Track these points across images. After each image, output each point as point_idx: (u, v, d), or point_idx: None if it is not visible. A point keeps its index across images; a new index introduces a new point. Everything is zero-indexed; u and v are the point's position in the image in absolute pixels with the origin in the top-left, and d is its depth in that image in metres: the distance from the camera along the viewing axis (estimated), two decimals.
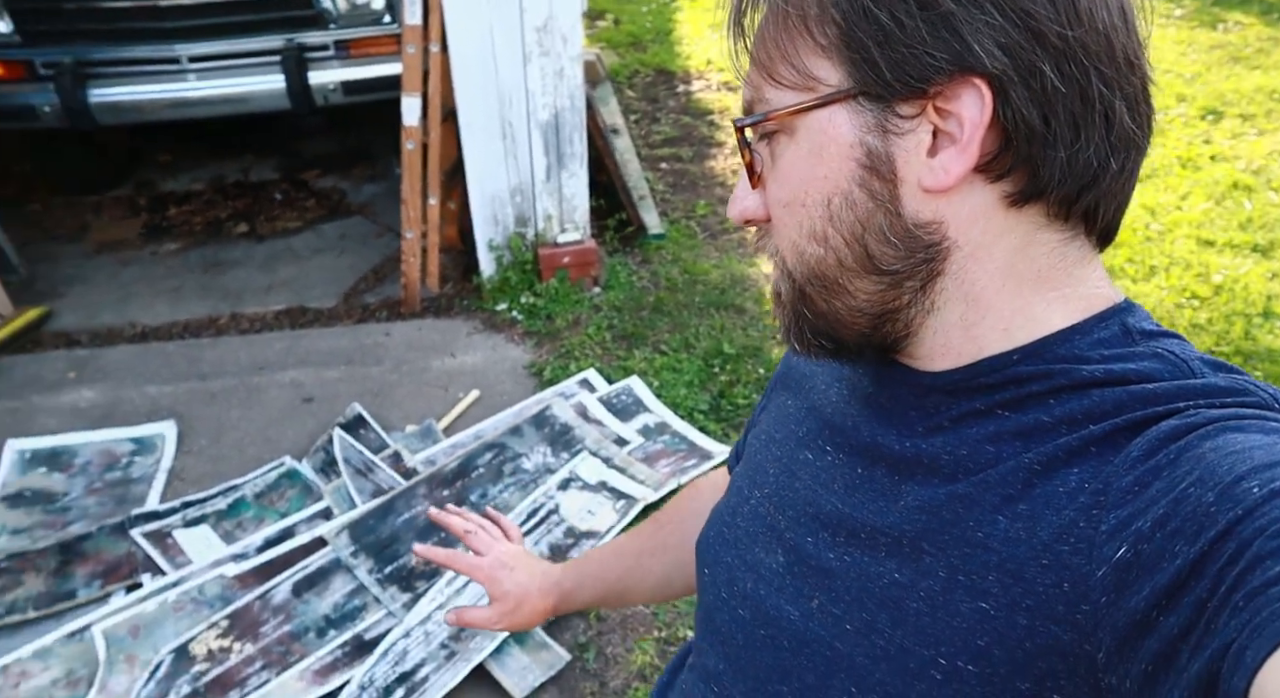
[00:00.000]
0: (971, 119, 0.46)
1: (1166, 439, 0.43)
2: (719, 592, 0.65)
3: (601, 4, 6.56)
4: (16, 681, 1.83)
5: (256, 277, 3.48)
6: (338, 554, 2.08)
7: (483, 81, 2.87)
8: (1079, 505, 0.45)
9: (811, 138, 0.51)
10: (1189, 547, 0.38)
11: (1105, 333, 0.51)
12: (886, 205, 0.50)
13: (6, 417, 2.66)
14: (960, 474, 0.51)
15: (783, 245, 0.55)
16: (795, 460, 0.64)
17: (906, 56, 0.46)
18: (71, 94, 3.18)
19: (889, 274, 0.51)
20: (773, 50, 0.51)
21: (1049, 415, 0.49)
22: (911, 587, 0.50)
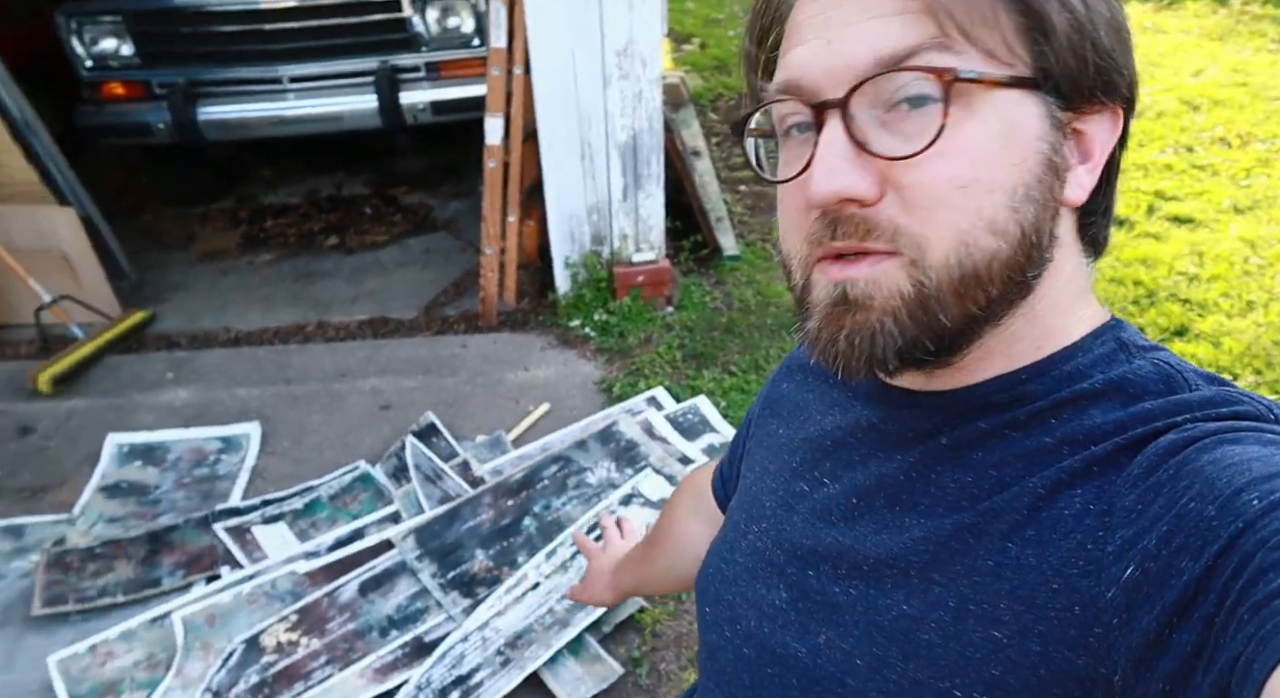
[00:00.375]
0: (1103, 142, 0.49)
1: (1165, 455, 0.43)
2: (722, 631, 0.64)
3: (689, 28, 6.65)
4: (103, 659, 1.94)
5: (343, 287, 3.62)
6: (404, 557, 2.15)
7: (563, 103, 2.94)
8: (1085, 528, 0.44)
9: (1001, 117, 0.46)
10: (1194, 562, 0.38)
11: (1103, 349, 0.51)
12: (1052, 208, 0.48)
13: (110, 412, 2.84)
14: (965, 502, 0.50)
15: (935, 234, 0.46)
16: (791, 493, 0.63)
17: (1108, 67, 0.47)
18: (183, 112, 3.40)
19: (1024, 284, 0.49)
20: (975, 8, 0.45)
21: (1051, 436, 0.48)
22: (921, 618, 0.49)
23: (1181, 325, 3.04)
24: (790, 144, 0.52)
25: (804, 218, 0.50)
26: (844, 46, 0.46)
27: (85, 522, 2.37)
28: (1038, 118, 0.46)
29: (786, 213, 0.52)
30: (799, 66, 0.48)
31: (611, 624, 2.04)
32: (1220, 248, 3.47)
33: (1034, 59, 0.46)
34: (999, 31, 0.45)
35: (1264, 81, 4.93)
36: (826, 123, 0.47)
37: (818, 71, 0.47)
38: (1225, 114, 4.59)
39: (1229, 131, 4.41)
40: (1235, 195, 3.84)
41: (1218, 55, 5.38)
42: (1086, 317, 0.53)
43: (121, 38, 3.43)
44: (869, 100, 0.46)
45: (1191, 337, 2.98)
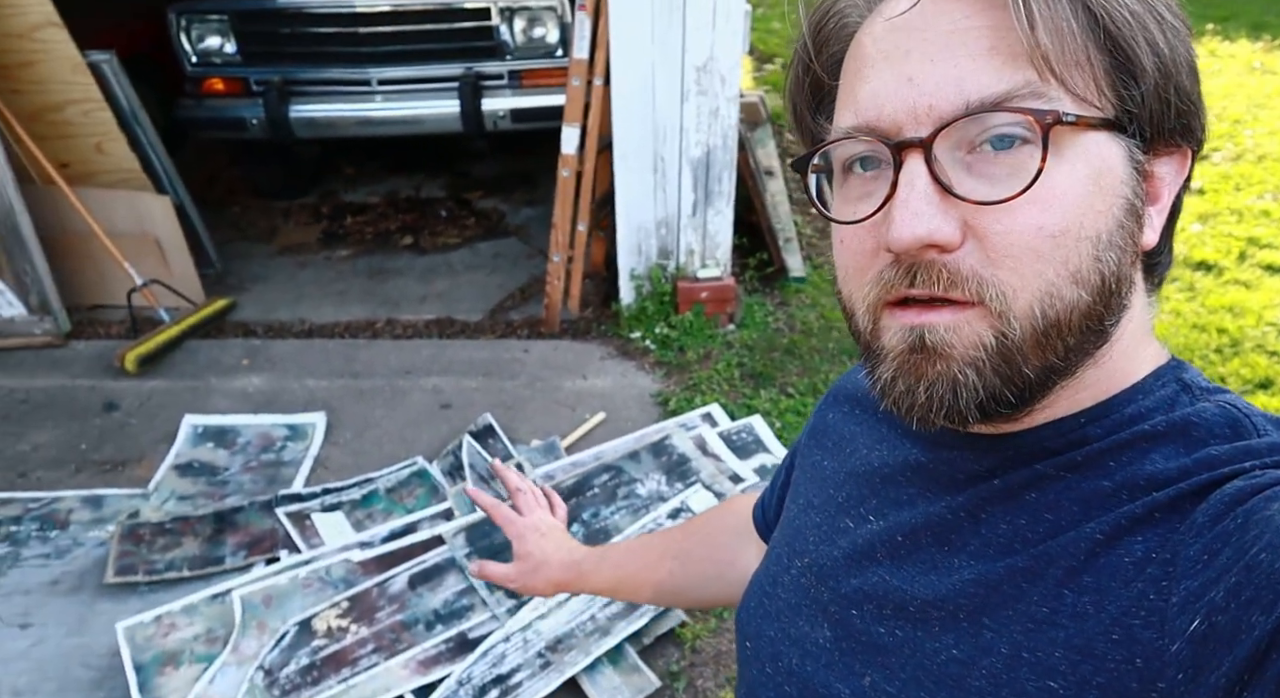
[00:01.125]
0: (1170, 185, 0.49)
1: (1233, 503, 0.41)
2: (763, 667, 0.62)
3: (773, 48, 6.65)
4: (167, 630, 2.03)
5: (414, 286, 3.72)
6: (453, 554, 2.19)
7: (640, 116, 2.98)
8: (1147, 577, 0.43)
9: (1091, 161, 0.44)
10: (1265, 617, 0.36)
11: (1164, 391, 0.50)
12: (1132, 254, 0.47)
13: (187, 394, 2.96)
14: (1018, 545, 0.49)
15: (1019, 285, 0.44)
16: (835, 528, 0.61)
17: (1187, 111, 0.47)
18: (276, 109, 3.54)
19: (1098, 333, 0.47)
20: (1069, 46, 0.43)
21: (1110, 480, 0.47)
22: (972, 664, 0.48)
23: (1266, 378, 2.93)
24: (853, 181, 0.49)
25: (872, 260, 0.48)
26: (928, 85, 0.44)
27: (159, 498, 2.49)
28: (1122, 161, 0.45)
29: (851, 254, 0.50)
30: (875, 107, 0.46)
31: (652, 636, 2.05)
32: None
33: (1120, 101, 0.45)
34: (1090, 73, 0.44)
35: None
36: (906, 163, 0.45)
37: (900, 111, 0.45)
38: None
39: None
40: None
41: None
42: (1148, 357, 0.51)
43: (225, 36, 3.60)
44: (952, 141, 0.44)
45: (1277, 390, 2.87)
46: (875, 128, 0.46)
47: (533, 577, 0.91)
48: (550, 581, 0.91)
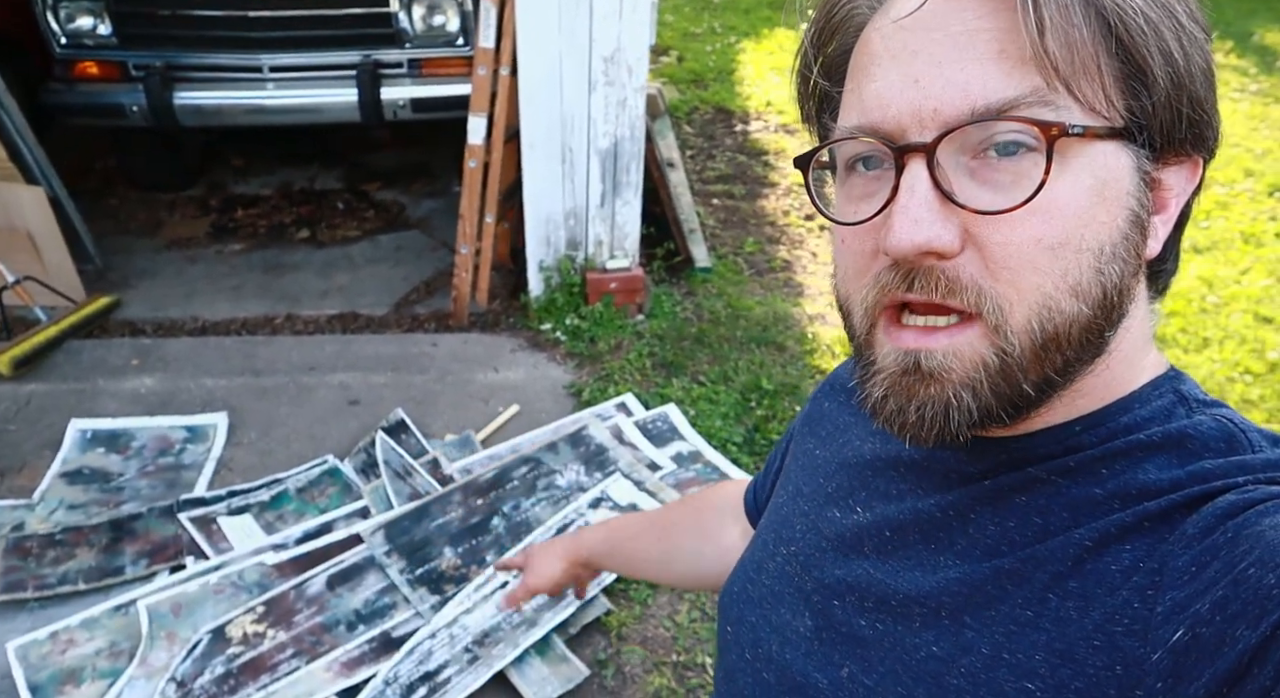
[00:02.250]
0: (1178, 194, 0.47)
1: (1224, 516, 0.41)
2: (742, 653, 0.62)
3: (667, 40, 6.71)
4: (64, 647, 1.91)
5: (314, 281, 3.60)
6: (372, 552, 2.15)
7: (547, 107, 2.97)
8: (1133, 585, 0.43)
9: (1096, 172, 0.43)
10: (1250, 631, 0.36)
11: (1161, 401, 0.50)
12: (1135, 264, 0.46)
13: (72, 397, 2.79)
14: (1005, 547, 0.49)
15: (1017, 297, 0.44)
16: (822, 518, 0.61)
17: (1199, 120, 0.45)
18: (158, 95, 3.36)
19: (1096, 344, 0.47)
20: (1078, 55, 0.42)
21: (1101, 488, 0.47)
22: (951, 662, 0.48)
23: (1196, 382, 3.16)
24: (855, 179, 0.49)
25: (871, 262, 0.47)
26: (934, 89, 0.43)
27: (45, 508, 2.33)
28: (1129, 171, 0.44)
29: (850, 255, 0.49)
30: (880, 108, 0.45)
31: (579, 625, 2.07)
32: (1179, 285, 3.60)
33: (1129, 109, 0.44)
34: (1099, 81, 0.43)
35: (1225, 128, 4.79)
36: (908, 167, 0.44)
37: (904, 113, 0.44)
38: None
39: None
40: (1195, 236, 3.99)
41: None
42: (1147, 366, 0.51)
43: (99, 16, 3.38)
44: (956, 146, 0.44)
45: None
46: (879, 129, 0.45)
47: (541, 566, 0.99)
48: (556, 557, 0.98)
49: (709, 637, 2.08)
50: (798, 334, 3.25)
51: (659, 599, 2.18)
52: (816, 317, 3.39)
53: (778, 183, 4.54)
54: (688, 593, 2.19)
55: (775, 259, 3.82)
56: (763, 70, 6.10)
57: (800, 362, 3.08)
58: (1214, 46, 0.52)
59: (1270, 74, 6.06)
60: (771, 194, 4.43)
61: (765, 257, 3.84)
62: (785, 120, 5.29)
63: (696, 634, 2.09)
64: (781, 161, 4.78)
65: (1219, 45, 6.48)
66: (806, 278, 3.68)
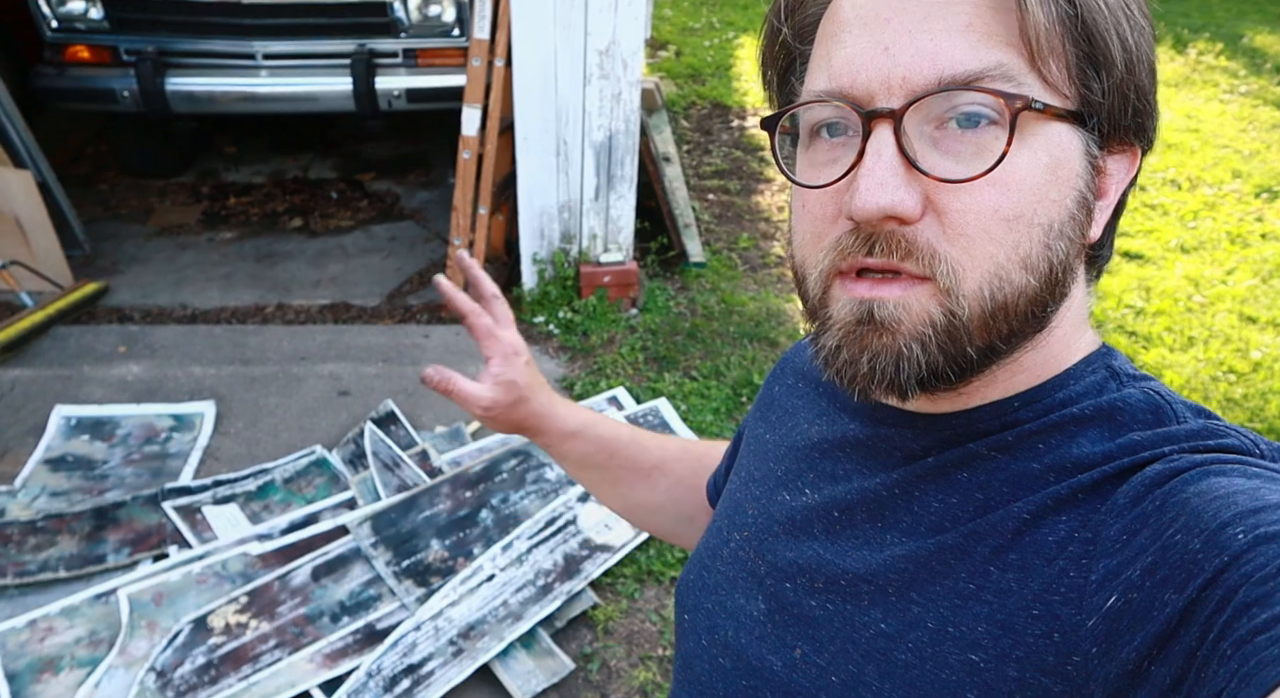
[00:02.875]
0: (1118, 181, 0.49)
1: (1151, 485, 0.43)
2: (699, 639, 0.62)
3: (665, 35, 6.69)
4: (43, 635, 1.89)
5: (306, 271, 3.58)
6: (358, 544, 2.13)
7: (542, 98, 2.95)
8: (1069, 555, 0.44)
9: (1050, 150, 0.45)
10: (1177, 595, 0.37)
11: (1094, 376, 0.51)
12: (1079, 245, 0.48)
13: (57, 383, 2.76)
14: (948, 523, 0.50)
15: (970, 264, 0.45)
16: (773, 502, 0.62)
17: (1142, 110, 0.47)
18: (150, 81, 3.32)
19: (1039, 318, 0.48)
20: (1045, 36, 0.43)
21: (1038, 462, 0.48)
22: (899, 638, 0.49)
23: (1128, 356, 3.16)
24: (819, 145, 0.49)
25: (831, 226, 0.48)
26: (904, 57, 0.44)
27: (27, 494, 2.31)
28: (1080, 154, 0.46)
29: (810, 219, 0.49)
30: (849, 73, 0.46)
31: (565, 619, 2.05)
32: (1166, 285, 3.61)
33: (1084, 94, 0.45)
34: (1064, 62, 0.44)
35: (1214, 129, 5.14)
36: (875, 132, 0.45)
37: (873, 79, 0.45)
38: (1177, 158, 4.77)
39: (1180, 174, 4.58)
40: (1182, 235, 4.00)
41: (1173, 101, 5.59)
42: (1083, 344, 0.53)
43: (91, 0, 3.34)
44: (922, 115, 0.45)
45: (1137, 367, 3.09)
46: (848, 94, 0.46)
47: (508, 408, 0.76)
48: (524, 417, 0.78)
49: None
50: (790, 330, 3.24)
51: (645, 593, 2.17)
52: None
53: (773, 178, 4.52)
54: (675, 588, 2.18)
55: (769, 255, 3.81)
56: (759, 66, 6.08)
57: None
58: (1204, 48, 0.53)
59: (1259, 76, 6.07)
60: (766, 190, 4.41)
61: (759, 252, 3.83)
62: None
63: None
64: None
65: (1209, 47, 6.49)
66: None
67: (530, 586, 2.06)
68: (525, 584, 2.07)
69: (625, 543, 2.23)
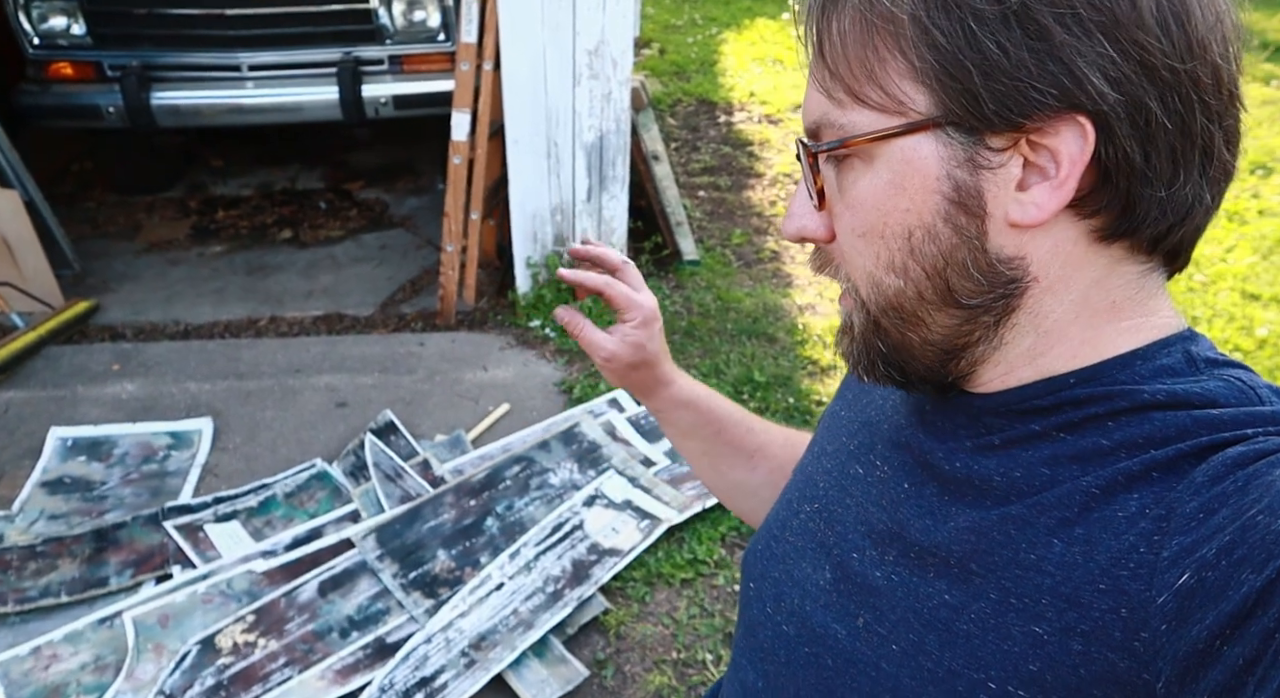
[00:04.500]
0: (1071, 156, 0.44)
1: (1234, 465, 0.42)
2: (764, 607, 0.64)
3: (649, 33, 6.67)
4: (47, 663, 1.87)
5: (297, 282, 3.55)
6: (364, 557, 2.11)
7: (532, 101, 2.93)
8: (1140, 531, 0.43)
9: (893, 167, 0.48)
10: (1256, 575, 0.37)
11: (1168, 359, 0.49)
12: (972, 241, 0.48)
13: (51, 405, 2.73)
14: (1014, 496, 0.50)
15: (855, 275, 0.53)
16: (845, 474, 0.63)
17: (1010, 89, 0.43)
18: (135, 96, 3.29)
19: (967, 308, 0.50)
20: (855, 67, 0.47)
21: (1108, 439, 0.47)
22: (962, 609, 0.49)
23: (1211, 342, 3.16)
24: None
25: None
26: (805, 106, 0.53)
27: (25, 519, 2.28)
28: (937, 159, 0.46)
29: None
30: None
31: (576, 626, 2.04)
32: None
33: (933, 98, 0.45)
34: (888, 81, 0.47)
35: None
36: (806, 165, 0.54)
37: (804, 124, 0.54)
38: None
39: None
40: None
41: None
42: (1147, 326, 0.50)
43: (73, 16, 3.31)
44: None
45: None
46: None
47: (628, 366, 0.78)
48: (642, 378, 0.80)
49: (709, 633, 2.06)
50: (788, 325, 3.22)
51: (657, 596, 2.15)
52: (806, 307, 3.36)
53: (763, 173, 4.51)
54: (686, 590, 2.16)
55: (763, 250, 3.79)
56: (745, 61, 6.07)
57: (791, 353, 3.05)
58: None
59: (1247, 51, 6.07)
60: (758, 185, 4.40)
61: (753, 248, 3.82)
62: (769, 111, 5.26)
63: (696, 631, 2.06)
64: (766, 152, 4.76)
65: None
66: (795, 268, 3.65)
67: (540, 593, 2.04)
68: (535, 592, 2.05)
69: (633, 547, 2.21)
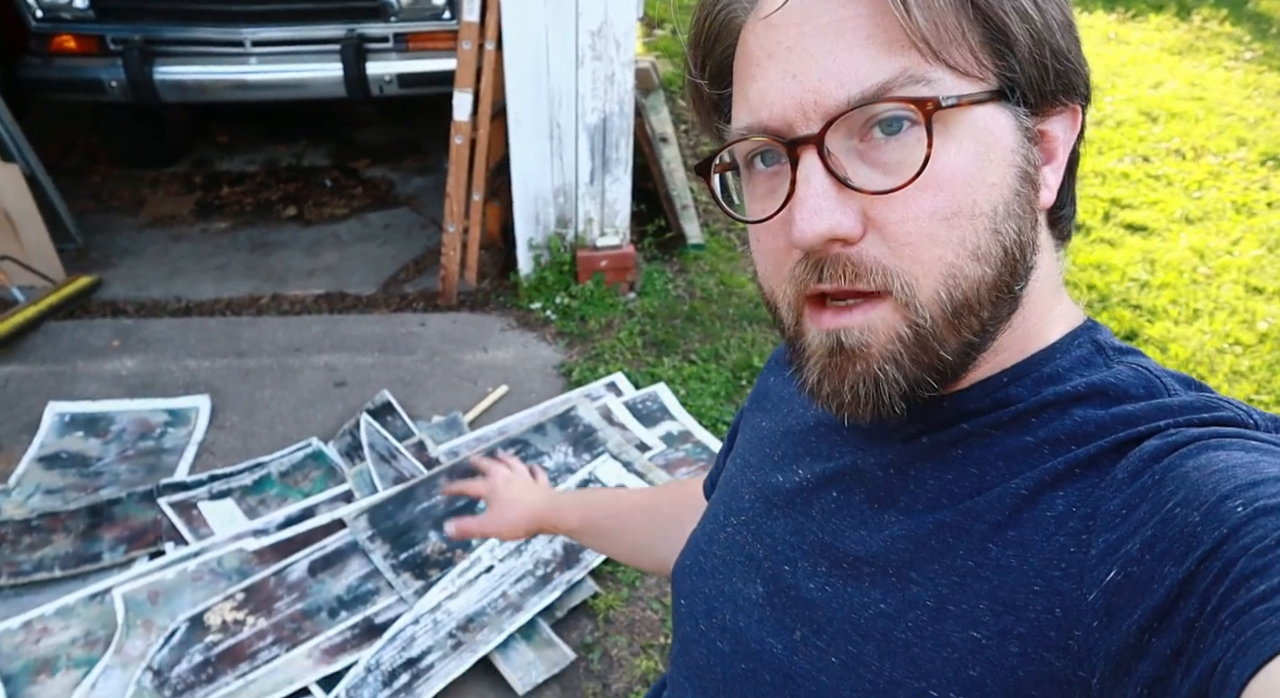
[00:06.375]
0: (1065, 139, 0.49)
1: (1150, 460, 0.43)
2: (697, 624, 0.63)
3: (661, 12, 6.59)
4: (38, 636, 1.88)
5: (300, 260, 3.54)
6: (355, 537, 2.11)
7: (534, 81, 2.90)
8: (1068, 531, 0.44)
9: (978, 137, 0.45)
10: (1176, 568, 0.38)
11: (1080, 351, 0.51)
12: (1031, 218, 0.48)
13: (50, 379, 2.74)
14: (945, 500, 0.50)
15: (918, 272, 0.45)
16: (769, 486, 0.62)
17: (1066, 71, 0.47)
18: (138, 70, 3.28)
19: (1016, 297, 0.49)
20: (949, 24, 0.44)
21: (1032, 436, 0.48)
22: (898, 617, 0.49)
23: (1132, 330, 3.12)
24: (757, 177, 0.50)
25: (786, 257, 0.49)
26: (811, 81, 0.45)
27: (21, 493, 2.29)
28: (1010, 130, 0.46)
29: (766, 252, 0.51)
30: (765, 106, 0.47)
31: (565, 609, 2.04)
32: (1171, 256, 3.56)
33: (1000, 70, 0.45)
34: (967, 47, 0.44)
35: (1219, 97, 5.06)
36: (802, 159, 0.45)
37: (788, 108, 0.46)
38: (1181, 127, 4.70)
39: (1184, 144, 4.51)
40: (1187, 206, 3.94)
41: (1177, 69, 5.50)
42: (1062, 315, 0.53)
43: None
44: (842, 132, 0.45)
45: (1140, 342, 3.06)
46: (767, 126, 0.47)
47: (506, 516, 0.94)
48: (524, 518, 0.94)
49: None
50: None
51: (646, 582, 2.14)
52: None
53: None
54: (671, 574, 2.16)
55: None
56: None
57: None
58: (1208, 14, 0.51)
59: (1264, 41, 5.96)
60: None
61: None
62: None
63: None
64: None
65: (1213, 13, 6.38)
66: None
67: (529, 576, 2.04)
68: (524, 575, 2.04)
69: None
